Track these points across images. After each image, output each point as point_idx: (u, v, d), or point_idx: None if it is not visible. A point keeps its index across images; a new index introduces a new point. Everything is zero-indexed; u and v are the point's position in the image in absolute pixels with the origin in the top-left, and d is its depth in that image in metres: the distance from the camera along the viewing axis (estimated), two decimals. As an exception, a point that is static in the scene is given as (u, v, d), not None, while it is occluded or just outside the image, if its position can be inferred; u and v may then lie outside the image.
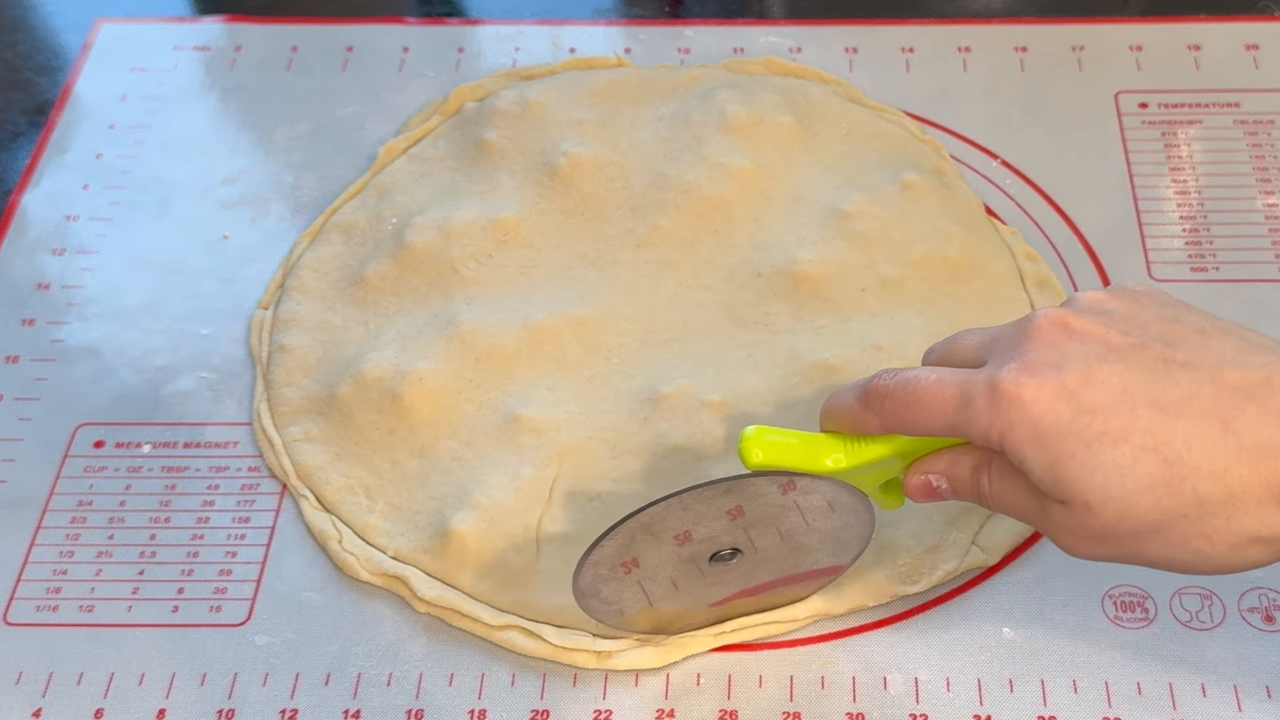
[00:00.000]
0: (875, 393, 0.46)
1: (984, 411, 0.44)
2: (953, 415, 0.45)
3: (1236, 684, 0.54)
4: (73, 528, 0.60)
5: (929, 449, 0.48)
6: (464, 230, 0.67)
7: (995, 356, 0.45)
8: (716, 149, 0.69)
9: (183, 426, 0.63)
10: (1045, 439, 0.43)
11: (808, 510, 0.50)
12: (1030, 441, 0.43)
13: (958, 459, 0.47)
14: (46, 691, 0.55)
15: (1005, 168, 0.71)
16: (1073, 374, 0.43)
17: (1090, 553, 0.45)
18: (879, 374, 0.47)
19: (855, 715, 0.53)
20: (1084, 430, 0.42)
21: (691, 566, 0.51)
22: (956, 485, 0.48)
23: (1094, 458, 0.42)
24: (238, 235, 0.70)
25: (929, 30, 0.78)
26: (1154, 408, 0.42)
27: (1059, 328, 0.45)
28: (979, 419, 0.44)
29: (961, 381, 0.45)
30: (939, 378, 0.45)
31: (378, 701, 0.54)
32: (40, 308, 0.68)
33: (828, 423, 0.49)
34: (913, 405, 0.45)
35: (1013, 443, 0.43)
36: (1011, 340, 0.45)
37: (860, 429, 0.48)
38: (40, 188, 0.73)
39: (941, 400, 0.45)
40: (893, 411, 0.46)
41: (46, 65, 0.80)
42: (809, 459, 0.48)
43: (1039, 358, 0.44)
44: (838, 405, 0.48)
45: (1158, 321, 0.45)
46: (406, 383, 0.61)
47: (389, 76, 0.77)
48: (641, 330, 0.64)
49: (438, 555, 0.57)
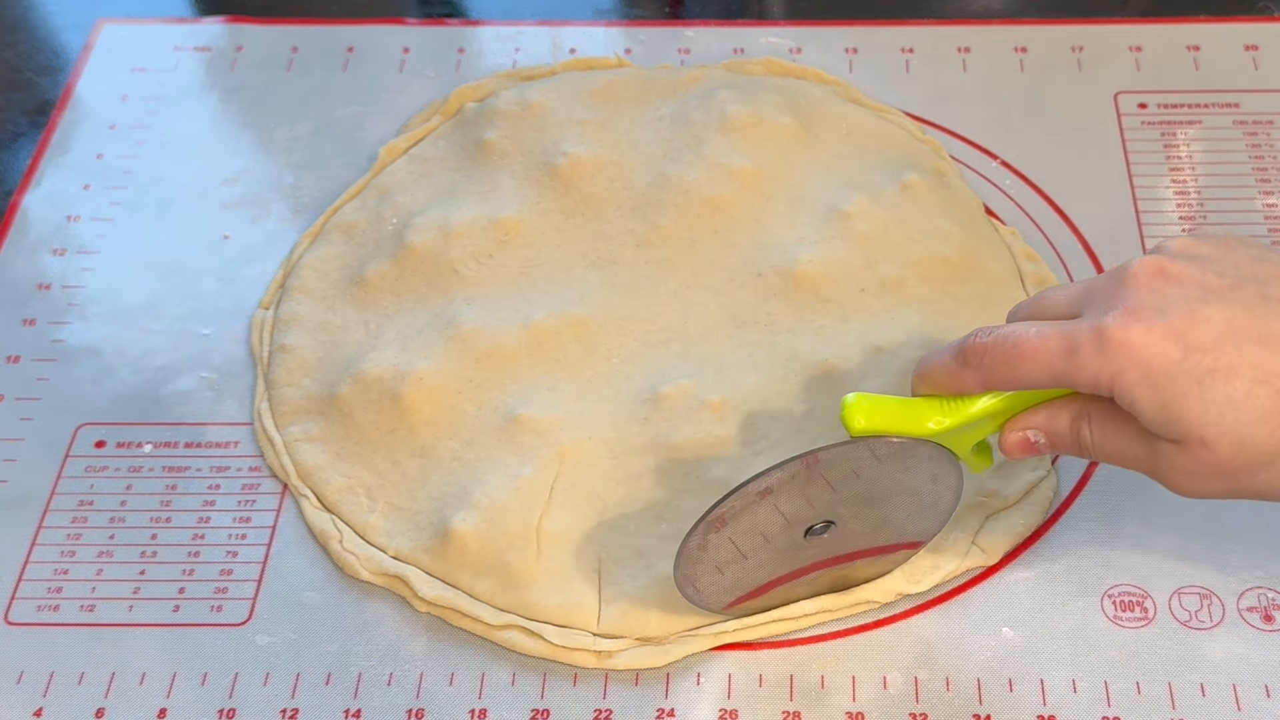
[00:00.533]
0: (974, 350, 0.47)
1: (1092, 358, 0.45)
2: (1059, 364, 0.45)
3: (1236, 683, 0.54)
4: (74, 527, 0.60)
5: (1023, 406, 0.49)
6: (464, 230, 0.67)
7: (1094, 306, 0.46)
8: (716, 149, 0.69)
9: (183, 426, 0.63)
10: (1157, 380, 0.44)
11: (901, 476, 0.50)
12: (1142, 384, 0.44)
13: (1055, 413, 0.48)
14: (47, 691, 0.55)
15: (1005, 168, 0.71)
16: (1177, 316, 0.44)
17: (1205, 490, 0.46)
18: (974, 332, 0.48)
19: (855, 715, 0.53)
20: (1195, 368, 0.44)
21: (787, 539, 0.51)
22: (1054, 439, 0.49)
23: (1207, 394, 0.44)
24: (238, 235, 0.70)
25: (929, 30, 0.78)
26: (1259, 342, 0.44)
27: (1156, 273, 0.46)
28: (1087, 366, 0.45)
29: (1065, 332, 0.46)
30: (1040, 330, 0.46)
31: (378, 701, 0.54)
32: (41, 308, 0.68)
33: (922, 386, 0.50)
34: (1015, 358, 0.46)
35: (1123, 386, 0.44)
36: (1109, 290, 0.47)
37: (959, 388, 0.49)
38: (41, 188, 0.73)
39: (1046, 351, 0.46)
40: (994, 367, 0.47)
41: (47, 65, 0.80)
42: (910, 422, 0.49)
43: (1141, 303, 0.45)
44: (933, 367, 0.49)
45: (1249, 262, 0.47)
46: (407, 383, 0.61)
47: (389, 77, 0.77)
48: (641, 330, 0.64)
49: (438, 555, 0.57)
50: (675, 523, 0.57)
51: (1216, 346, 0.44)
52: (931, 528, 0.54)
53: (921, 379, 0.50)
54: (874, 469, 0.50)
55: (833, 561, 0.54)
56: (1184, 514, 0.58)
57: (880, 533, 0.53)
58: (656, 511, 0.58)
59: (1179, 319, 0.44)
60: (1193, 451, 0.45)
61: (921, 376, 0.50)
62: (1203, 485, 0.46)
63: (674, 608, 0.55)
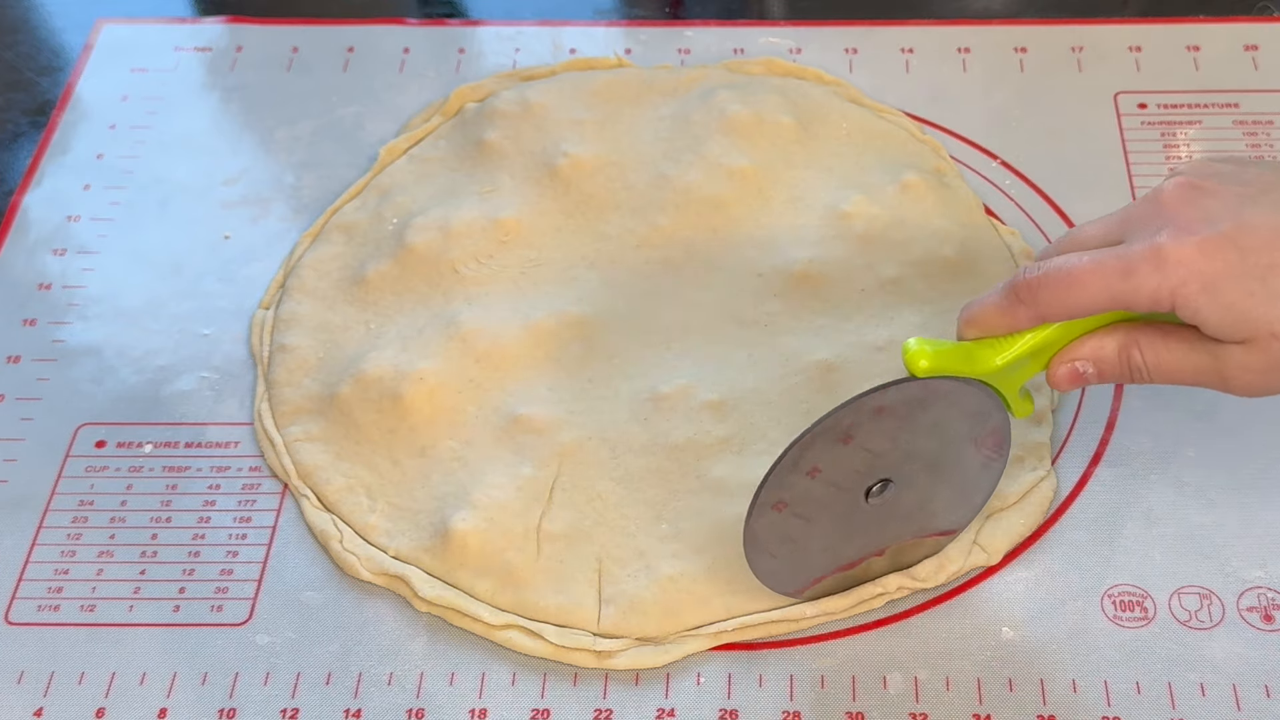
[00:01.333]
0: (1027, 285, 0.48)
1: (1151, 276, 0.46)
2: (1118, 286, 0.47)
3: (1235, 683, 0.54)
4: (74, 527, 0.60)
5: (1067, 341, 0.50)
6: (464, 230, 0.67)
7: (1138, 230, 0.48)
8: (716, 149, 0.69)
9: (184, 426, 0.63)
10: (1219, 286, 0.46)
11: (957, 423, 0.51)
12: (1204, 292, 0.46)
13: (1101, 342, 0.50)
14: (48, 691, 0.55)
15: (1005, 168, 0.71)
16: (1226, 224, 0.46)
17: (1275, 385, 0.48)
18: (1022, 269, 0.49)
19: (855, 715, 0.53)
20: (1255, 268, 0.46)
21: (847, 500, 0.52)
22: (1103, 367, 0.50)
23: (1272, 289, 0.46)
24: (239, 235, 0.70)
25: (929, 30, 0.78)
26: None
27: (1192, 190, 0.48)
28: (1147, 284, 0.46)
29: (1119, 255, 0.47)
30: (1092, 257, 0.48)
31: (378, 701, 0.54)
32: (41, 308, 0.68)
33: (972, 330, 0.50)
34: (1070, 287, 0.48)
35: (1185, 298, 0.46)
36: (1149, 213, 0.48)
37: (1012, 324, 0.49)
38: (41, 188, 0.73)
39: (1102, 275, 0.47)
40: (1048, 299, 0.48)
41: (48, 66, 0.80)
42: (970, 361, 0.50)
43: (1188, 219, 0.47)
44: (983, 309, 0.50)
45: (1259, 173, 0.49)
46: (407, 382, 0.61)
47: (389, 77, 0.77)
48: (641, 330, 0.64)
49: (438, 555, 0.57)
50: (675, 523, 0.57)
51: (1270, 245, 0.46)
52: (986, 485, 0.55)
53: (970, 323, 0.51)
54: (931, 414, 0.51)
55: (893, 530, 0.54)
56: (1184, 514, 0.58)
57: (937, 491, 0.54)
58: (656, 511, 0.58)
59: (1228, 227, 0.46)
60: (1263, 348, 0.46)
61: (970, 320, 0.51)
62: (1273, 380, 0.48)
63: (674, 608, 0.55)
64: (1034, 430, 0.60)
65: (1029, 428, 0.60)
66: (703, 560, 0.56)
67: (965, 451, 0.53)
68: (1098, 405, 0.62)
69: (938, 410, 0.51)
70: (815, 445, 0.50)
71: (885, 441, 0.51)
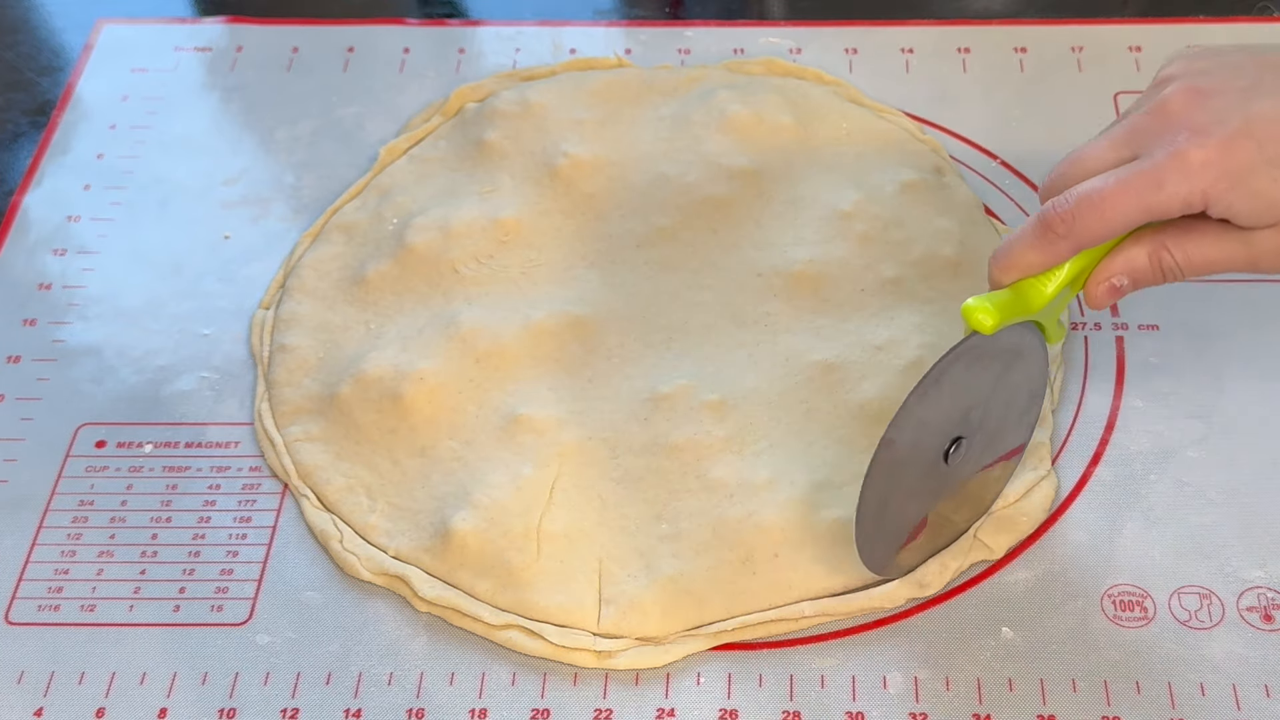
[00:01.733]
0: (1060, 218, 0.50)
1: (1181, 183, 0.48)
2: (1151, 199, 0.48)
3: (1235, 683, 0.54)
4: (74, 527, 0.60)
5: (1095, 262, 0.52)
6: (464, 230, 0.67)
7: (1154, 142, 0.50)
8: (716, 149, 0.69)
9: (184, 426, 0.63)
10: (1245, 178, 0.48)
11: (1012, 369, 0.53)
12: (1233, 186, 0.48)
13: (1130, 253, 0.51)
14: (48, 691, 0.55)
15: (1005, 168, 0.71)
16: (1236, 120, 0.48)
17: None
18: (1049, 205, 0.50)
19: (855, 715, 0.54)
20: (1274, 157, 0.48)
21: (932, 467, 0.53)
22: (1137, 276, 0.52)
23: None
24: (239, 235, 0.70)
25: (929, 30, 0.78)
26: None
27: (1194, 94, 0.50)
28: (1178, 192, 0.48)
29: (1144, 170, 0.49)
30: (1116, 177, 0.49)
31: (379, 701, 0.54)
32: (41, 308, 0.68)
33: (1011, 274, 0.51)
34: (1104, 210, 0.49)
35: (1216, 195, 0.48)
36: (1160, 124, 0.50)
37: (1053, 259, 0.51)
38: (41, 188, 0.73)
39: (1133, 193, 0.49)
40: (1085, 227, 0.49)
41: (48, 66, 0.80)
42: (1023, 305, 0.51)
43: (1200, 122, 0.49)
44: (1020, 251, 0.51)
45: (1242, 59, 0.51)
46: (407, 382, 0.61)
47: (390, 77, 0.77)
48: (641, 330, 0.64)
49: (438, 555, 0.57)
50: (675, 523, 0.57)
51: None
52: (1030, 424, 0.56)
53: (1008, 268, 0.51)
54: (991, 362, 0.52)
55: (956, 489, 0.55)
56: (1184, 514, 0.58)
57: (994, 442, 0.55)
58: (656, 511, 0.58)
59: (1240, 122, 0.48)
60: None
61: (1008, 266, 0.51)
62: None
63: (674, 608, 0.55)
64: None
65: (1029, 428, 0.60)
66: (703, 560, 0.56)
67: (1018, 385, 0.54)
68: (1098, 405, 0.62)
69: (994, 356, 0.52)
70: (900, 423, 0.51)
71: (956, 402, 0.52)
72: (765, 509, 0.57)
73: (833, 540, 0.56)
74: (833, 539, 0.56)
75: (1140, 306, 0.65)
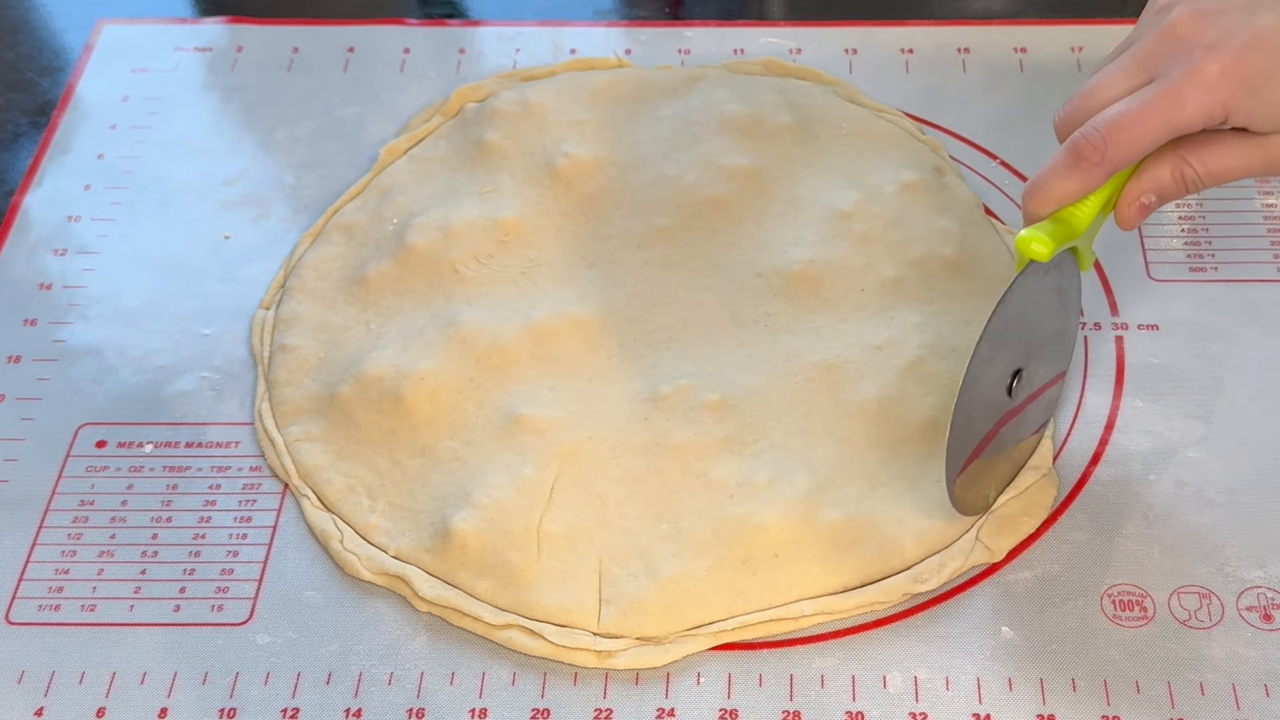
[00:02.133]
0: (1092, 145, 0.51)
1: (1203, 99, 0.50)
2: (1175, 117, 0.50)
3: (1235, 683, 0.54)
4: (75, 527, 0.60)
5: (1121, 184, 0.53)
6: (465, 230, 0.67)
7: (1169, 63, 0.51)
8: (716, 149, 0.70)
9: (184, 426, 0.63)
10: (1259, 86, 0.50)
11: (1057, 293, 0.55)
12: (1250, 97, 0.50)
13: (1153, 171, 0.53)
14: (48, 690, 0.55)
15: (1005, 168, 0.71)
16: (1244, 34, 0.50)
17: None
18: (1078, 135, 0.51)
19: (855, 714, 0.54)
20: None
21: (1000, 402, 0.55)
22: (1163, 191, 0.53)
23: None
24: (239, 235, 0.70)
25: (929, 31, 0.78)
26: None
27: (1198, 15, 0.52)
28: (1201, 106, 0.50)
29: (1165, 90, 0.51)
30: (1139, 100, 0.51)
31: (379, 700, 0.55)
32: (42, 308, 0.68)
33: (1048, 206, 0.53)
34: (1133, 132, 0.51)
35: (1236, 104, 0.50)
36: (1171, 46, 0.52)
37: (1090, 185, 0.52)
38: (42, 188, 0.73)
39: (1158, 114, 0.51)
40: (1116, 150, 0.51)
41: (48, 66, 0.80)
42: (1071, 230, 0.53)
43: (1210, 39, 0.51)
44: (1055, 183, 0.52)
45: None
46: (407, 382, 0.61)
47: (390, 77, 0.77)
48: (641, 330, 0.64)
49: (439, 554, 0.57)
50: (675, 523, 0.58)
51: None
52: (1070, 348, 0.59)
53: (1045, 201, 0.53)
54: (1043, 294, 0.54)
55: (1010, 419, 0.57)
56: (1183, 514, 0.58)
57: (1042, 368, 0.57)
58: (657, 511, 0.58)
59: (1248, 35, 0.50)
60: None
61: (1044, 199, 0.53)
62: None
63: (674, 608, 0.55)
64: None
65: (1029, 427, 0.60)
66: (703, 560, 0.56)
67: (1059, 310, 0.57)
68: (1098, 405, 0.62)
69: (1042, 285, 0.54)
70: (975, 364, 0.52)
71: (1015, 335, 0.54)
72: (765, 509, 0.57)
73: (833, 540, 0.56)
74: (833, 539, 0.56)
75: (1140, 306, 0.65)
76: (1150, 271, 0.67)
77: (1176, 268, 0.67)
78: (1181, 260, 0.67)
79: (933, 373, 0.61)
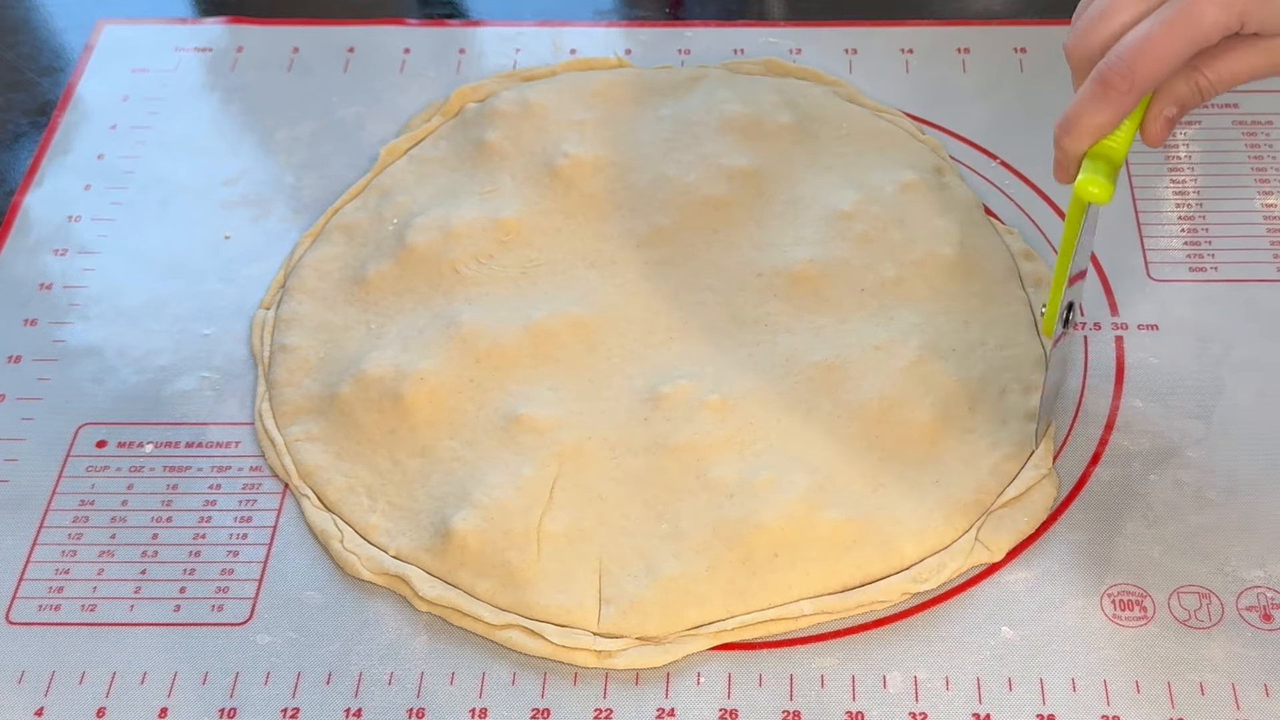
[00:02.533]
0: (1119, 75, 0.52)
1: (1220, 12, 0.51)
2: (1194, 33, 0.51)
3: (1235, 682, 0.54)
4: (75, 527, 0.60)
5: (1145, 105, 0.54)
6: (465, 230, 0.67)
7: None
8: (716, 149, 0.70)
9: (184, 426, 0.63)
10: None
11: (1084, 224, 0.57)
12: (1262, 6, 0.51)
13: (1172, 85, 0.54)
14: (48, 690, 0.55)
15: (1005, 168, 0.71)
16: None
17: None
18: (1103, 65, 0.52)
19: (855, 714, 0.54)
20: None
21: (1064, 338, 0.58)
22: (1182, 102, 0.54)
23: None
24: (239, 235, 0.70)
25: (929, 30, 0.78)
26: None
27: None
28: (1219, 19, 0.51)
29: (1180, 10, 0.51)
30: (1159, 21, 0.52)
31: (379, 700, 0.55)
32: (42, 308, 0.68)
33: (1084, 141, 0.54)
34: (1158, 56, 0.52)
35: (1251, 11, 0.51)
36: None
37: (1123, 112, 0.53)
38: (42, 188, 0.73)
39: (1179, 32, 0.51)
40: (1144, 74, 0.52)
41: (48, 66, 0.80)
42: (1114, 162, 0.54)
43: None
44: (1089, 115, 0.53)
45: None
46: (408, 382, 0.61)
47: (390, 77, 0.77)
48: (641, 330, 0.64)
49: (439, 554, 0.57)
50: (675, 523, 0.58)
51: None
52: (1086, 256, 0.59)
53: (1081, 135, 0.54)
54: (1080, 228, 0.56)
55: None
56: (1183, 514, 0.58)
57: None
58: (657, 511, 0.58)
59: None
60: None
61: (1080, 135, 0.54)
62: None
63: (674, 608, 0.55)
64: (1035, 430, 0.60)
65: (1030, 427, 0.60)
66: (703, 560, 0.56)
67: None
68: (1097, 405, 0.62)
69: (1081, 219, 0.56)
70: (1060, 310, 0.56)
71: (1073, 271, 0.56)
72: (765, 509, 0.57)
73: (833, 540, 0.56)
74: (833, 539, 0.56)
75: (1140, 306, 0.65)
76: (1150, 271, 0.67)
77: (1176, 268, 0.67)
78: (1181, 260, 0.67)
79: (933, 373, 0.61)
